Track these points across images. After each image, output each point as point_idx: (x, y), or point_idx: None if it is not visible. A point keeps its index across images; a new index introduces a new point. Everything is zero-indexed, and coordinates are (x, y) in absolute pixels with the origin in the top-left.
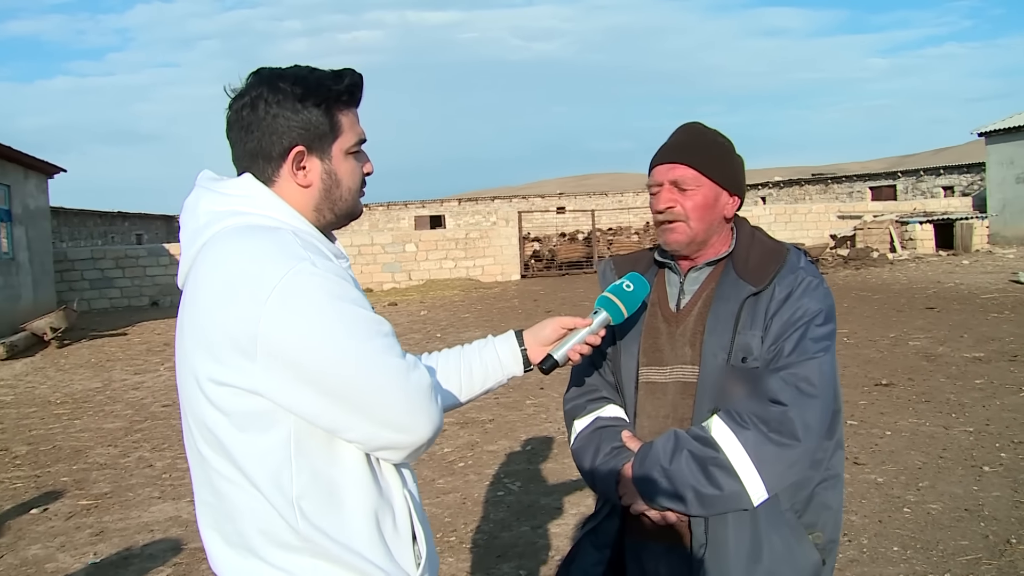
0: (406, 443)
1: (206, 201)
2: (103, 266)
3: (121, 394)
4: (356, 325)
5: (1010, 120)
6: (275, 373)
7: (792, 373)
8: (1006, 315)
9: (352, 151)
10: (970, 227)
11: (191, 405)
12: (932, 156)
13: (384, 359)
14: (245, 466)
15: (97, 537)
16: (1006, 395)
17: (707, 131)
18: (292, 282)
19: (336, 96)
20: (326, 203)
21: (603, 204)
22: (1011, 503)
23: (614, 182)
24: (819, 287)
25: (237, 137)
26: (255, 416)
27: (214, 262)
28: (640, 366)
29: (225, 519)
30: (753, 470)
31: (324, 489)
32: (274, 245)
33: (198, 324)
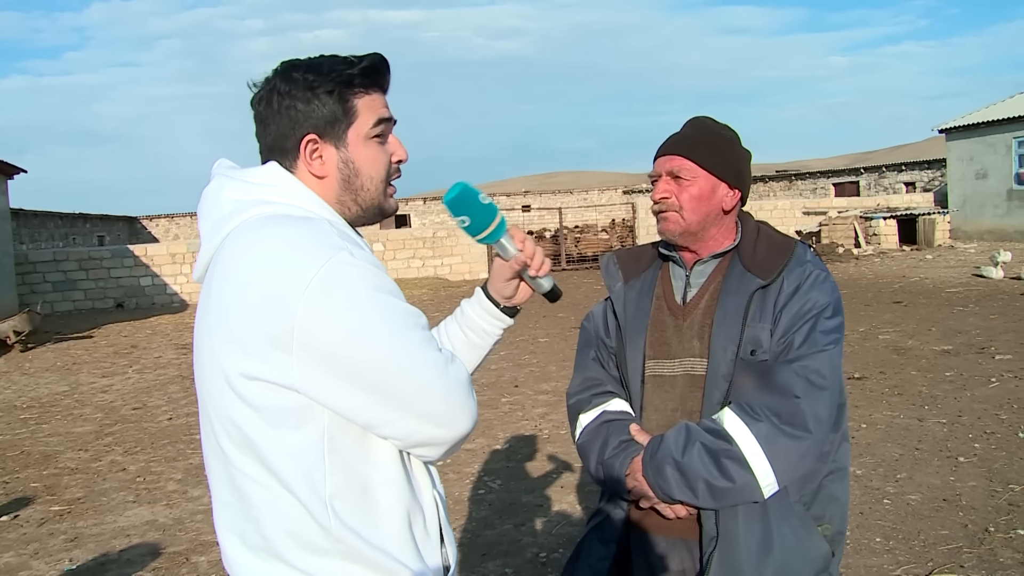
0: (445, 438)
1: (230, 190)
2: (66, 268)
3: (89, 397)
4: (396, 317)
5: (969, 117)
6: (312, 366)
7: (803, 365)
8: (971, 308)
9: (373, 136)
10: (932, 222)
11: (216, 402)
12: (892, 152)
13: (424, 352)
14: (275, 465)
15: (72, 543)
16: (976, 387)
17: (711, 124)
18: (331, 272)
19: (348, 80)
20: (348, 194)
21: (568, 202)
22: (987, 492)
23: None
24: (827, 280)
25: (258, 132)
26: (288, 412)
27: (245, 251)
28: (646, 359)
29: (247, 521)
30: (765, 462)
31: (357, 488)
32: (311, 234)
33: (227, 316)
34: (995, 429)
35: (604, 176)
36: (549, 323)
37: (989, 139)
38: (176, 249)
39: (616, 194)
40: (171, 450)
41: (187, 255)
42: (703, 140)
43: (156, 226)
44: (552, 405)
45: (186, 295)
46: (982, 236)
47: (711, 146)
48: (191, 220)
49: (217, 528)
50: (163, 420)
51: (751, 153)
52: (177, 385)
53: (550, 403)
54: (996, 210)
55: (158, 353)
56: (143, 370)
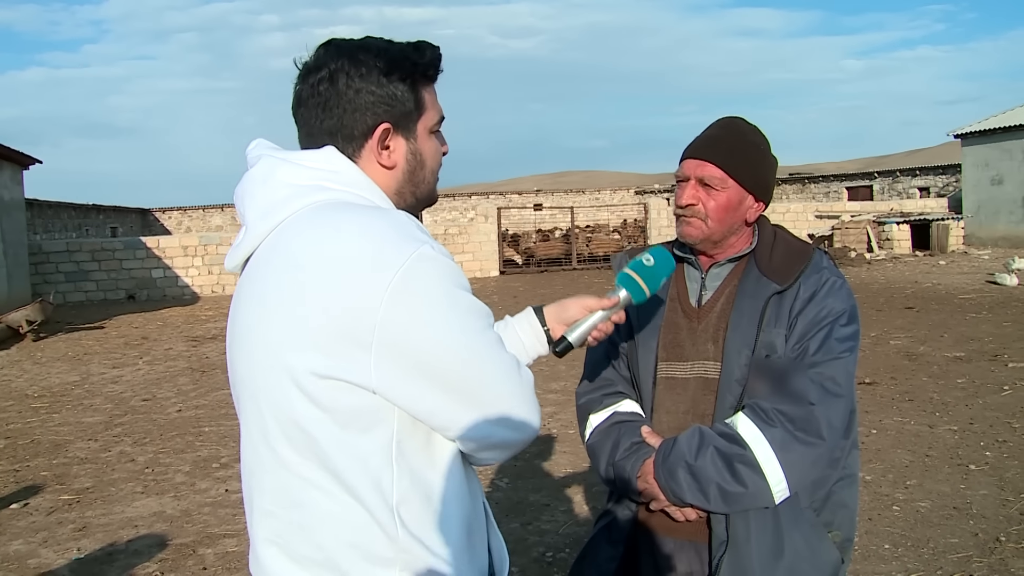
0: (517, 440)
1: (285, 172)
2: (79, 259)
3: (100, 388)
4: (476, 317)
5: (985, 123)
6: (392, 365)
7: (819, 372)
8: (984, 315)
9: (434, 129)
10: (946, 228)
11: (276, 403)
12: (906, 157)
13: (500, 353)
14: (342, 469)
15: (80, 532)
16: (988, 394)
17: (745, 130)
18: (416, 267)
19: (421, 70)
20: (409, 185)
21: (580, 201)
22: (998, 501)
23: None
24: (843, 287)
25: (311, 115)
26: (360, 414)
27: (317, 240)
28: (659, 361)
29: (296, 531)
30: (778, 468)
31: (422, 495)
32: (393, 225)
33: (295, 309)
34: (1007, 437)
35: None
36: None
37: (1005, 145)
38: (188, 242)
39: (628, 194)
40: (180, 442)
41: (199, 248)
42: (738, 149)
43: (168, 218)
44: (561, 404)
45: (197, 288)
46: (996, 242)
47: (744, 156)
48: (203, 213)
49: (254, 538)
50: (172, 412)
51: (778, 160)
52: (187, 377)
53: (559, 402)
54: (1011, 216)
55: (168, 345)
56: (153, 362)
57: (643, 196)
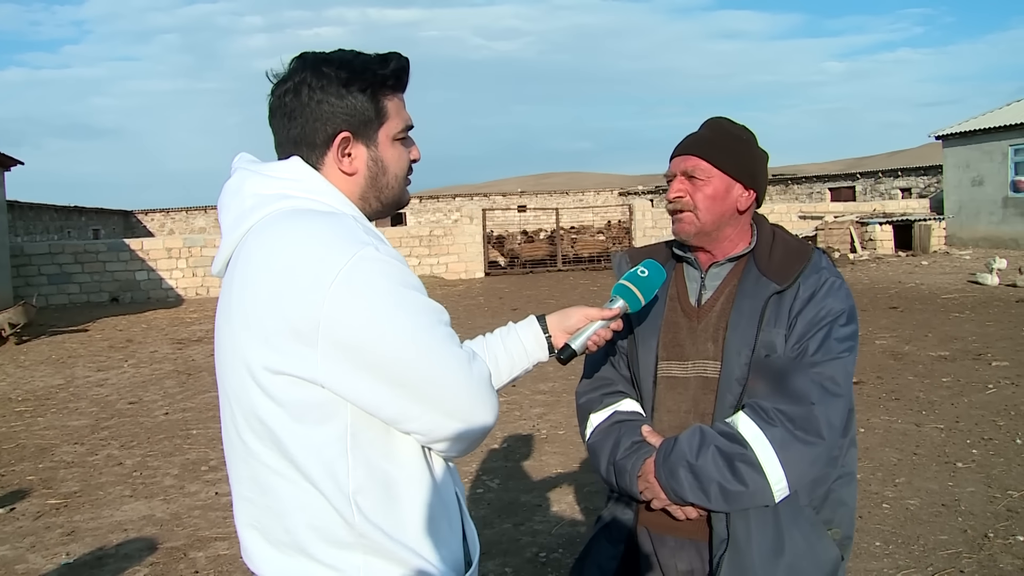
0: (468, 434)
1: (252, 183)
2: (61, 261)
3: (85, 391)
4: (421, 313)
5: (966, 124)
6: (337, 361)
7: (818, 372)
8: (967, 315)
9: (399, 137)
10: (928, 228)
11: (239, 396)
12: (887, 158)
13: (448, 348)
14: (299, 459)
15: (68, 537)
16: (973, 393)
17: (727, 125)
18: (358, 267)
19: (382, 80)
20: (372, 191)
21: (564, 203)
22: (986, 498)
23: (573, 181)
24: (841, 287)
25: (280, 124)
26: (312, 407)
27: (270, 245)
28: (659, 360)
29: (270, 516)
30: (779, 467)
31: (380, 484)
32: (337, 228)
33: (251, 310)
34: (993, 435)
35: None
36: None
37: (986, 146)
38: (172, 244)
39: (612, 196)
40: (167, 445)
41: (183, 250)
42: (719, 141)
43: (151, 220)
44: (550, 405)
45: (181, 290)
46: (977, 243)
47: (726, 147)
48: (187, 215)
49: (237, 523)
50: (159, 415)
51: (768, 154)
52: (173, 380)
53: (547, 403)
54: (992, 217)
55: (153, 348)
56: (138, 364)
57: (627, 197)
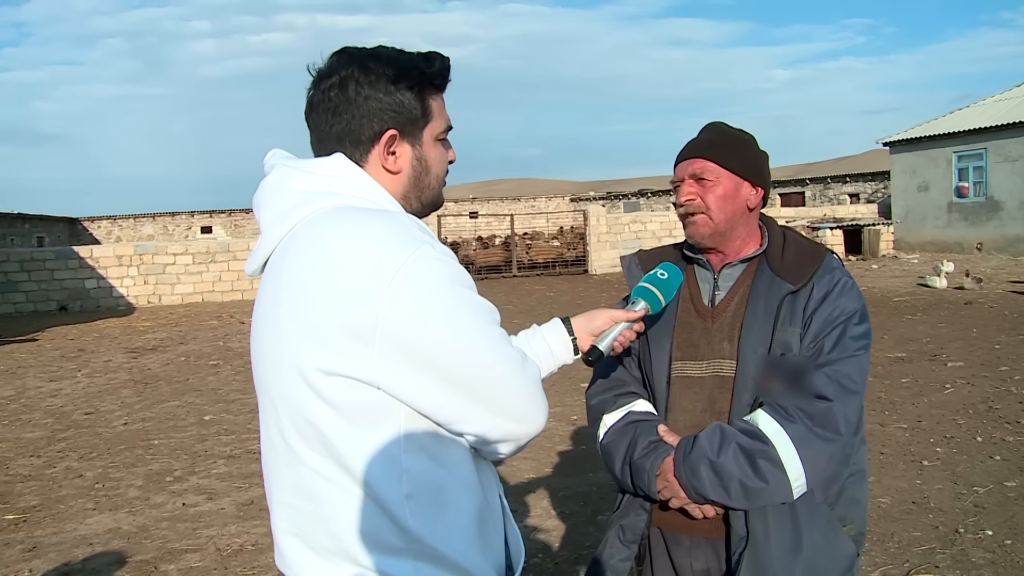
0: (523, 434)
1: (295, 180)
2: (6, 269)
3: (38, 402)
4: (478, 313)
5: (912, 131)
6: (395, 361)
7: (835, 369)
8: (919, 317)
9: (440, 137)
10: (877, 233)
11: (287, 398)
12: (834, 164)
13: (504, 348)
14: (351, 463)
15: (30, 553)
16: (932, 393)
17: (727, 128)
18: (416, 265)
19: (429, 79)
20: (414, 191)
21: (516, 209)
22: (953, 495)
23: (523, 187)
24: (853, 287)
25: (322, 120)
26: (367, 409)
27: (324, 242)
28: (673, 360)
29: (314, 522)
30: (798, 463)
31: (431, 488)
32: (394, 226)
33: (305, 309)
34: (954, 434)
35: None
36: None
37: (931, 153)
38: (123, 251)
39: (563, 201)
40: (129, 456)
41: (134, 257)
42: (723, 142)
43: (98, 228)
44: None
45: (132, 298)
46: (924, 247)
47: (730, 147)
48: (135, 222)
49: (275, 530)
50: (118, 425)
51: (768, 154)
52: (129, 390)
53: None
54: (937, 222)
55: (107, 357)
56: (93, 374)
57: (579, 203)
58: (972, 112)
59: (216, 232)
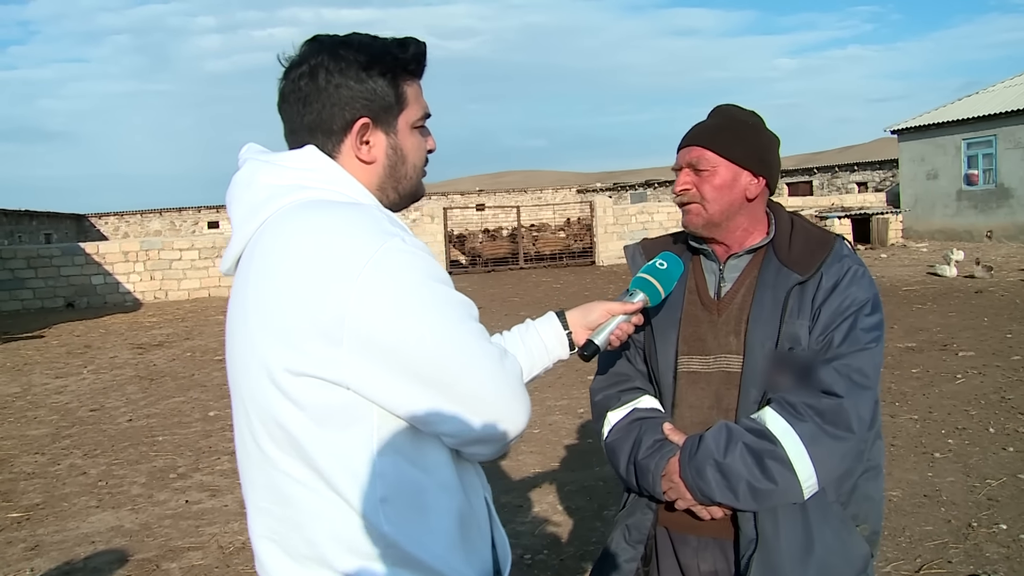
0: (503, 435)
1: (265, 174)
2: (13, 266)
3: (43, 399)
4: (451, 307)
5: (920, 119)
6: (364, 360)
7: (845, 364)
8: (929, 306)
9: (417, 125)
10: (885, 222)
11: (256, 400)
12: (840, 153)
13: (480, 344)
14: (322, 467)
15: (32, 552)
16: (943, 383)
17: (734, 112)
18: (385, 259)
19: (403, 65)
20: (390, 181)
21: (523, 201)
22: (966, 487)
23: (530, 179)
24: (864, 275)
25: (293, 110)
26: (337, 410)
27: (289, 237)
28: (679, 355)
29: (289, 527)
30: (808, 463)
31: (408, 491)
32: (362, 219)
33: (270, 307)
34: (966, 424)
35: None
36: (516, 320)
37: (939, 140)
38: (129, 247)
39: (570, 193)
40: (133, 453)
41: (140, 253)
42: (724, 128)
43: (105, 224)
44: None
45: (139, 294)
46: (933, 235)
47: (731, 134)
48: (141, 218)
49: (252, 536)
50: (123, 422)
51: (778, 138)
52: (135, 386)
53: None
54: (946, 210)
55: (113, 353)
56: (98, 371)
57: (585, 195)
58: (981, 98)
59: (223, 227)
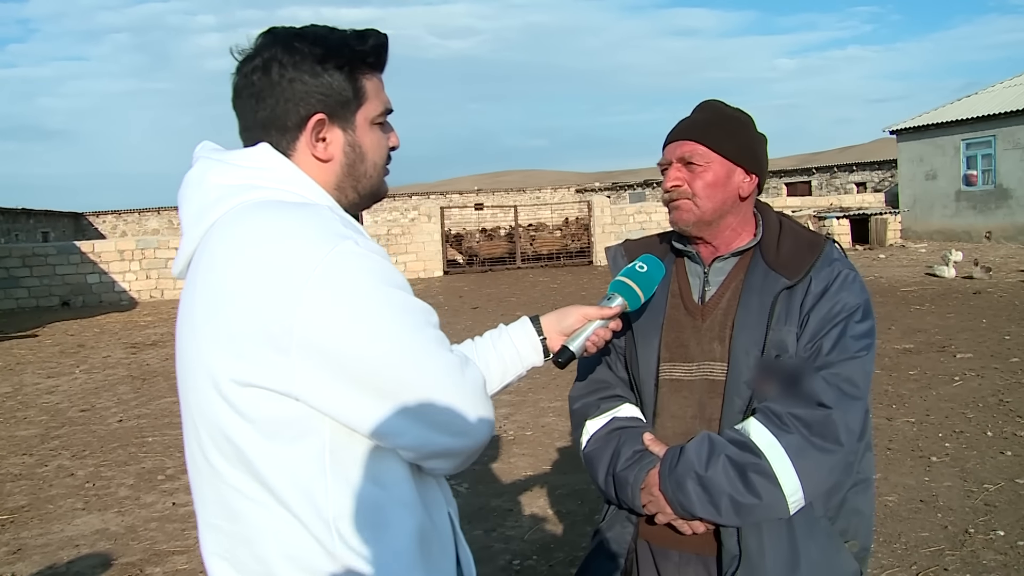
0: (463, 449)
1: (216, 174)
2: (8, 265)
3: (34, 399)
4: (407, 314)
5: (919, 119)
6: (313, 370)
7: (834, 373)
8: (927, 307)
9: (377, 121)
10: (884, 222)
11: (203, 411)
12: (839, 153)
13: (438, 353)
14: (272, 482)
15: (15, 556)
16: (940, 385)
17: (723, 107)
18: (336, 263)
19: (360, 57)
20: (349, 180)
21: (521, 200)
22: (963, 492)
23: (529, 179)
24: (856, 280)
25: (247, 106)
26: (286, 423)
27: (235, 241)
28: (661, 361)
29: (240, 544)
30: (794, 477)
31: (364, 507)
32: (312, 221)
33: (217, 314)
34: (963, 428)
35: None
36: (511, 320)
37: (938, 141)
38: (125, 246)
39: (569, 193)
40: (122, 454)
41: (136, 252)
42: (715, 123)
43: (103, 223)
44: (515, 405)
45: (135, 292)
46: (932, 236)
47: (724, 129)
48: (139, 216)
49: (204, 553)
50: (113, 422)
51: (766, 137)
52: (127, 386)
53: (513, 403)
54: (945, 210)
55: (106, 352)
56: (91, 370)
57: (584, 194)
58: (981, 99)
59: None
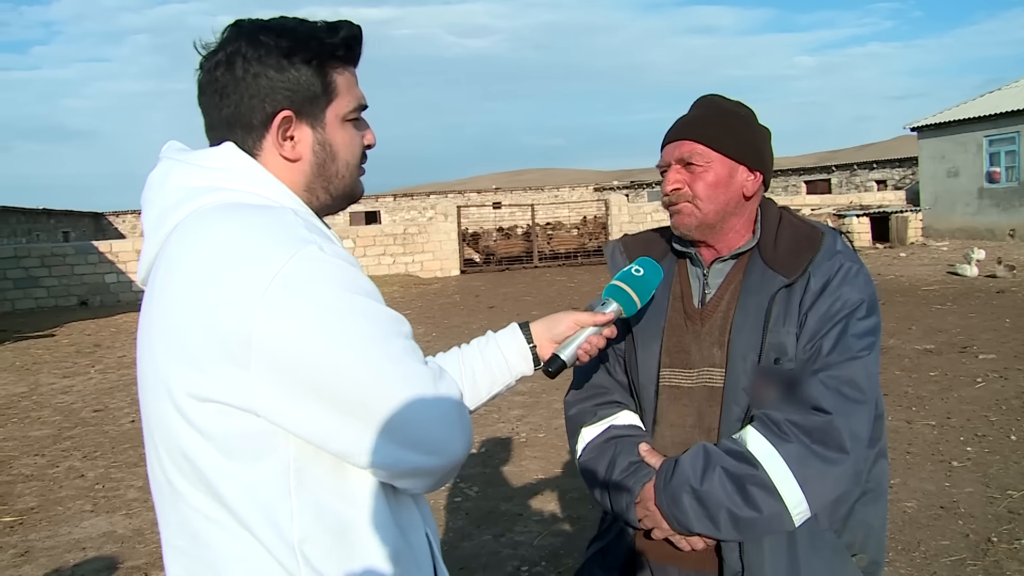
0: (435, 467)
1: (178, 175)
2: (28, 265)
3: (49, 399)
4: (374, 324)
5: (941, 116)
6: (274, 384)
7: (833, 376)
8: (949, 307)
9: (350, 118)
10: (905, 220)
11: (162, 427)
12: (859, 151)
13: (408, 365)
14: (233, 503)
15: (22, 558)
16: (962, 387)
17: (722, 101)
18: (297, 270)
19: (330, 51)
20: (319, 181)
21: (539, 199)
22: (985, 499)
23: (548, 177)
24: (859, 273)
25: (211, 103)
26: (246, 440)
27: (194, 246)
28: (662, 367)
29: (203, 567)
30: (796, 488)
31: (332, 529)
32: (273, 225)
33: (173, 324)
34: (986, 431)
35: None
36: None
37: (960, 137)
38: (142, 245)
39: (587, 191)
40: (133, 455)
41: None
42: (715, 120)
43: (123, 222)
44: (529, 407)
45: None
46: (953, 234)
47: (724, 126)
48: None
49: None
50: (125, 423)
51: (770, 131)
52: None
53: (526, 404)
54: (967, 208)
55: (122, 352)
56: (106, 370)
57: (602, 193)
58: (1004, 95)
59: None
